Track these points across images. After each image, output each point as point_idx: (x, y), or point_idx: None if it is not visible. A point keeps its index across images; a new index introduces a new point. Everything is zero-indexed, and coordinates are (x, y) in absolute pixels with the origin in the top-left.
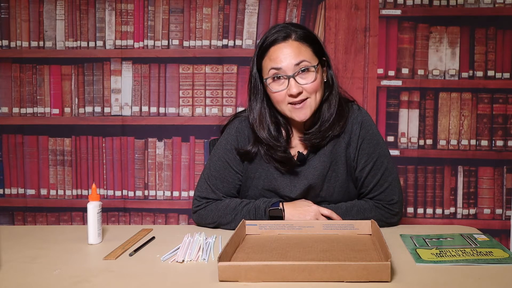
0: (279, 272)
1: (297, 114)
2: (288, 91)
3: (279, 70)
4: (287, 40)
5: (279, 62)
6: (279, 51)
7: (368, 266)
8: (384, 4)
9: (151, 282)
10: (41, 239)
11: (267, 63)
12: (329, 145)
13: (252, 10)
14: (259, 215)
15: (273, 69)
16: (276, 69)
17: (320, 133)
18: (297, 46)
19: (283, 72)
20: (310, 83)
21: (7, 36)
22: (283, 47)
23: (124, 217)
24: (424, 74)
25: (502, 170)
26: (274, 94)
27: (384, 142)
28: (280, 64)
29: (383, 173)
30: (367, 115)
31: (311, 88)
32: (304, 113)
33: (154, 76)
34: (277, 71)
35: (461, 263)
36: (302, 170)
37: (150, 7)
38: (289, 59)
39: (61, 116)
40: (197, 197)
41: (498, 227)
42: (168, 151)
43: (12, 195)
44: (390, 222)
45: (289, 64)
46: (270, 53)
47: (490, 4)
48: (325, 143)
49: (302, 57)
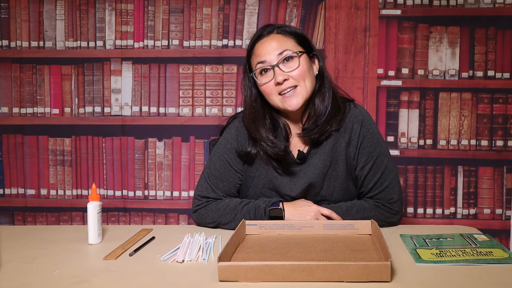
0: (279, 272)
1: (288, 103)
2: (275, 80)
3: (264, 63)
4: (269, 34)
5: (263, 55)
6: (263, 45)
7: (368, 266)
8: (384, 4)
9: (151, 282)
10: (41, 239)
11: (254, 59)
12: (329, 143)
13: (252, 10)
14: (259, 214)
15: (259, 63)
16: (261, 63)
17: (318, 127)
18: (279, 38)
19: (267, 64)
20: (295, 69)
21: (7, 36)
22: (265, 41)
23: (124, 217)
24: (424, 74)
25: (502, 170)
26: (263, 87)
27: (384, 141)
28: (264, 57)
29: (383, 172)
30: (367, 114)
31: (296, 74)
32: (296, 100)
33: (154, 76)
34: (262, 64)
35: (461, 263)
36: (302, 168)
37: (150, 7)
38: (272, 50)
39: (61, 116)
40: (197, 196)
41: (498, 227)
42: (168, 151)
43: (12, 195)
44: (390, 221)
45: (272, 55)
46: (255, 49)
47: (490, 4)
48: (324, 138)
49: (284, 47)
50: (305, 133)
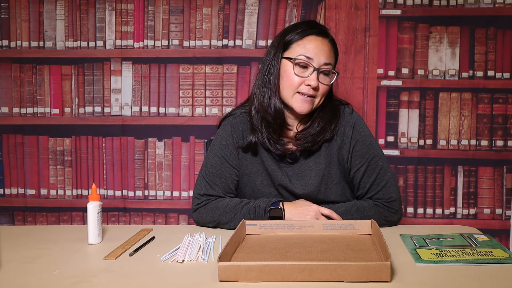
0: (279, 272)
1: (300, 105)
2: (308, 81)
3: (310, 60)
4: (325, 37)
5: (314, 53)
6: (317, 43)
7: (368, 266)
8: (384, 4)
9: (151, 282)
10: (41, 239)
11: (300, 47)
12: (322, 148)
13: (252, 10)
14: (259, 214)
15: (305, 56)
16: (307, 58)
17: (311, 136)
18: (330, 48)
19: (312, 63)
20: (325, 85)
21: (7, 36)
22: (321, 41)
23: (124, 217)
24: (424, 74)
25: (502, 170)
26: (292, 76)
27: (377, 143)
28: (313, 55)
29: (379, 172)
30: (359, 118)
31: (323, 90)
32: (307, 107)
33: (154, 76)
34: (307, 60)
35: (461, 263)
36: (298, 169)
37: (150, 7)
38: (322, 55)
39: (61, 116)
40: (197, 195)
41: (498, 227)
42: (168, 151)
43: (12, 195)
44: (390, 220)
45: (320, 59)
46: (306, 40)
47: (490, 4)
48: (316, 148)
49: (331, 60)
50: (299, 143)
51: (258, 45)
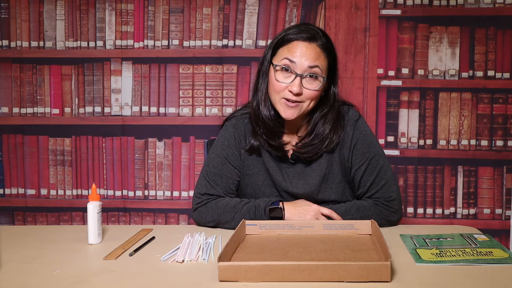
0: (279, 272)
1: (285, 111)
2: (290, 87)
3: (292, 64)
4: (312, 42)
5: (296, 56)
6: (300, 46)
7: (368, 266)
8: (384, 4)
9: (151, 282)
10: (41, 239)
11: (284, 51)
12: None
13: (252, 10)
14: (259, 214)
15: (287, 59)
16: (289, 61)
17: (312, 147)
18: (318, 52)
19: (294, 67)
20: (312, 91)
21: (7, 36)
22: (305, 46)
23: (124, 217)
24: (424, 74)
25: (502, 170)
26: (275, 82)
27: (377, 142)
28: (295, 58)
29: (379, 171)
30: (360, 117)
31: (310, 95)
32: (292, 113)
33: (154, 76)
34: (289, 64)
35: (461, 263)
36: (299, 170)
37: (150, 7)
38: (306, 59)
39: (61, 116)
40: (197, 194)
41: (498, 227)
42: (168, 151)
43: (12, 195)
44: (390, 220)
45: (304, 63)
46: (291, 45)
47: (490, 4)
48: (316, 158)
49: (317, 63)
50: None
51: (258, 45)
